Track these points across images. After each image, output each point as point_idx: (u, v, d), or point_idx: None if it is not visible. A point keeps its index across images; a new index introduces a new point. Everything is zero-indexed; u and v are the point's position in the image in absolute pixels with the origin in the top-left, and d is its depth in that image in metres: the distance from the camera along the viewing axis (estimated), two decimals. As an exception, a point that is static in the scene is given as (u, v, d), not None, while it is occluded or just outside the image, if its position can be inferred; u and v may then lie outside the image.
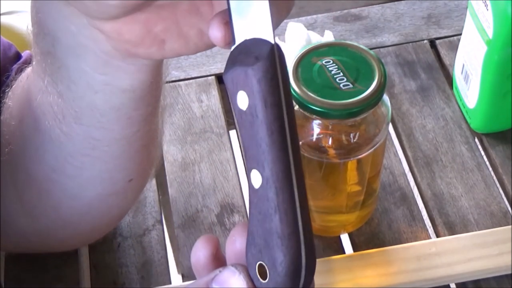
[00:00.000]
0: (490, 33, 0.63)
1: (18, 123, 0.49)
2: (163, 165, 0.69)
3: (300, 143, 0.56)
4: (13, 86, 0.50)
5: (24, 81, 0.49)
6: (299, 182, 0.32)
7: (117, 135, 0.46)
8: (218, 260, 0.38)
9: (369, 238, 0.64)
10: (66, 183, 0.49)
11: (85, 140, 0.45)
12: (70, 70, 0.41)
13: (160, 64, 0.43)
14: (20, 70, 0.51)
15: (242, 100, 0.32)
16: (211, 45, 0.38)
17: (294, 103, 0.54)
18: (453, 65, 0.73)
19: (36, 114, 0.46)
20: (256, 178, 0.32)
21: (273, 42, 0.31)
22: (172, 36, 0.37)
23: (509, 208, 0.65)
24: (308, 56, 0.55)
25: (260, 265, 0.34)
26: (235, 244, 0.37)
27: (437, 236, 0.64)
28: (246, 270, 0.35)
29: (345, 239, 0.64)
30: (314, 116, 0.54)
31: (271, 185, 0.32)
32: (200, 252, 0.38)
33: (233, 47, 0.33)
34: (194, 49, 0.38)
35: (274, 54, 0.31)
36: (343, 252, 0.64)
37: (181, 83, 0.76)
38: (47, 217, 0.53)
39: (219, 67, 0.78)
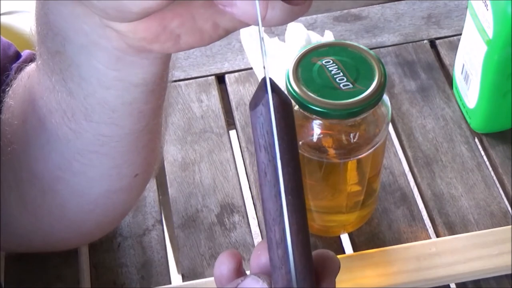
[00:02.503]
0: (490, 33, 0.63)
1: (21, 122, 0.49)
2: (163, 165, 0.69)
3: (300, 143, 0.56)
4: (14, 85, 0.50)
5: (25, 80, 0.49)
6: (294, 218, 0.34)
7: (127, 130, 0.45)
8: (240, 274, 0.39)
9: (369, 238, 0.64)
10: (72, 180, 0.49)
11: (94, 137, 0.45)
12: (81, 68, 0.41)
13: (170, 55, 0.43)
14: (19, 69, 0.51)
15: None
16: (223, 36, 0.38)
17: (294, 103, 0.54)
18: (453, 65, 0.73)
19: (41, 113, 0.46)
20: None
21: (268, 90, 0.33)
22: (188, 31, 0.37)
23: (509, 208, 0.65)
24: (308, 56, 0.55)
25: None
26: (260, 258, 0.38)
27: (437, 236, 0.64)
28: (269, 279, 0.36)
29: (345, 239, 0.64)
30: (314, 116, 0.54)
31: (266, 219, 0.34)
32: (224, 266, 0.39)
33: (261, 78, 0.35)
34: (208, 41, 0.38)
35: (268, 103, 0.33)
36: (343, 252, 0.64)
37: (181, 83, 0.76)
38: (52, 216, 0.53)
39: (219, 67, 0.78)
